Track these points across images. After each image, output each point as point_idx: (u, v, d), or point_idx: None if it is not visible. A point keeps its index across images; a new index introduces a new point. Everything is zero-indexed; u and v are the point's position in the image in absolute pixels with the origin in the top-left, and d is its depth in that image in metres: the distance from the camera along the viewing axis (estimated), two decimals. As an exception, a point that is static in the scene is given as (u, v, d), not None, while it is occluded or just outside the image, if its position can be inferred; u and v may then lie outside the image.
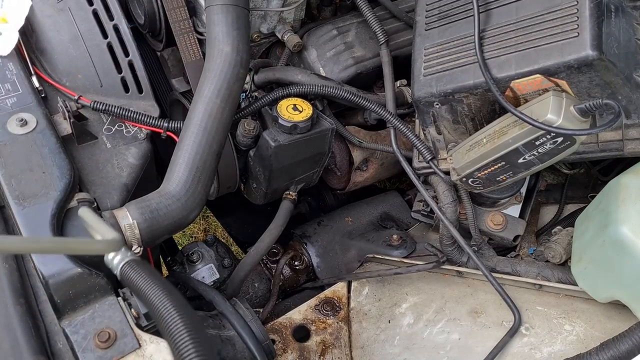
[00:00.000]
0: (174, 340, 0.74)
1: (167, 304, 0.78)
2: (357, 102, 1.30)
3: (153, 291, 0.80)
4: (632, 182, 1.00)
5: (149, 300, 0.81)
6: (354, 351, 1.29)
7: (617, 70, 0.94)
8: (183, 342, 0.73)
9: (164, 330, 0.76)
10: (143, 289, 0.82)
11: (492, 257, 1.27)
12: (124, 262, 0.86)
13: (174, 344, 0.73)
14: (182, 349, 0.72)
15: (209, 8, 1.14)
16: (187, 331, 0.74)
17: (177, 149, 1.07)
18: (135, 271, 0.84)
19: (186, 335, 0.74)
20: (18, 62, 1.17)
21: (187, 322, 0.75)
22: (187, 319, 0.76)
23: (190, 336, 0.73)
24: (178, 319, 0.76)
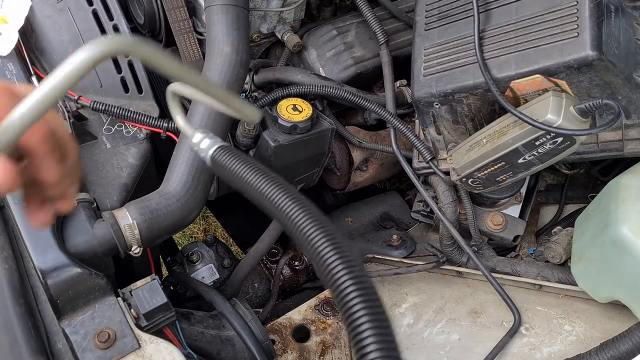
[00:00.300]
0: (294, 225, 0.70)
1: (273, 190, 0.75)
2: (357, 102, 1.30)
3: (252, 175, 0.78)
4: (632, 182, 1.00)
5: (247, 185, 0.78)
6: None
7: (617, 71, 0.94)
8: (299, 224, 0.69)
9: (276, 215, 0.73)
10: (240, 173, 0.78)
11: (492, 258, 1.27)
12: (217, 146, 0.85)
13: (296, 230, 0.69)
14: (299, 227, 0.68)
15: (208, 8, 1.14)
16: (300, 208, 0.70)
17: (176, 149, 1.07)
18: (231, 155, 0.82)
19: (301, 213, 0.70)
20: (18, 62, 1.17)
21: (297, 202, 0.72)
22: (297, 201, 0.72)
23: (304, 213, 0.70)
24: (287, 201, 0.72)
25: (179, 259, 1.48)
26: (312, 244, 0.67)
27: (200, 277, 1.44)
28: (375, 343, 0.55)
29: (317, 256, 0.66)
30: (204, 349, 1.11)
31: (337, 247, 0.65)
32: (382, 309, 0.58)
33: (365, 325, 0.57)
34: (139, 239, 0.97)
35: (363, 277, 0.62)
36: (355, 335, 0.56)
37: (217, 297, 1.20)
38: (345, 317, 0.59)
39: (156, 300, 0.92)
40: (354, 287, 0.60)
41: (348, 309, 0.59)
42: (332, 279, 0.62)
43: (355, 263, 0.63)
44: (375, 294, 0.60)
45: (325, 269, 0.63)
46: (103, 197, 1.08)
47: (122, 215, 0.97)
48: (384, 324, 0.57)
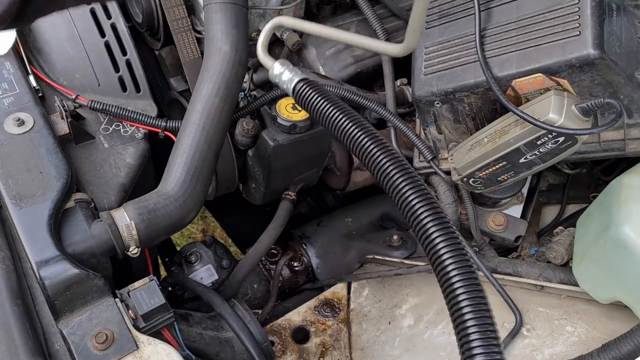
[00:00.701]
0: (371, 160, 0.76)
1: (354, 129, 0.80)
2: (357, 101, 1.30)
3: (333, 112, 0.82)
4: (633, 182, 1.00)
5: (329, 121, 0.82)
6: (353, 353, 1.28)
7: (619, 70, 0.94)
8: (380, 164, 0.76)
9: (355, 149, 0.79)
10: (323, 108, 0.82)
11: (493, 258, 1.27)
12: (300, 79, 0.86)
13: (373, 164, 0.76)
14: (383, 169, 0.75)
15: (207, 6, 1.14)
16: (384, 153, 0.77)
17: (175, 148, 1.06)
18: (313, 89, 0.84)
19: (385, 159, 0.76)
20: (15, 62, 1.16)
21: (381, 147, 0.78)
22: (376, 140, 0.78)
23: (386, 156, 0.76)
24: (368, 142, 0.78)
25: (177, 259, 1.48)
26: (400, 196, 0.75)
27: (199, 278, 1.43)
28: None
29: (409, 214, 0.75)
30: (203, 350, 1.10)
31: (431, 207, 0.74)
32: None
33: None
34: (137, 239, 0.96)
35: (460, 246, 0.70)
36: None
37: (216, 298, 1.19)
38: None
39: (154, 301, 0.92)
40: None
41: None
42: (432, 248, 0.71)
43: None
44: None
45: (423, 235, 0.69)
46: (100, 197, 1.07)
47: (119, 216, 0.96)
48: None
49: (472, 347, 0.64)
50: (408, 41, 0.80)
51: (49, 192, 0.97)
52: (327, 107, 0.83)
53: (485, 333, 0.65)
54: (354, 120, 0.81)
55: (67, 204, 0.99)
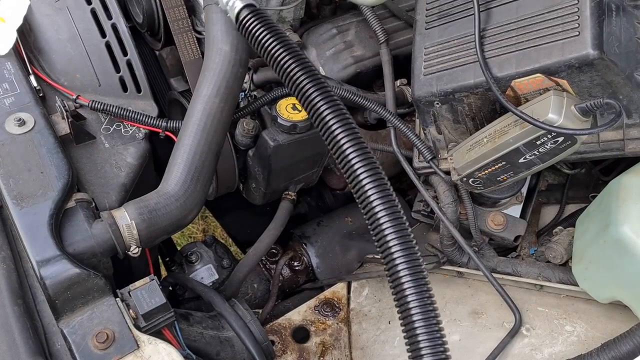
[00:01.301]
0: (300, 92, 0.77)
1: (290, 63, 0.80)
2: (356, 101, 1.30)
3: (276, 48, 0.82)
4: (632, 182, 1.00)
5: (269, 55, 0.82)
6: (353, 352, 1.28)
7: (618, 70, 0.94)
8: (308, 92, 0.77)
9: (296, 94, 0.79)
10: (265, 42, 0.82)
11: (493, 258, 1.27)
12: (243, 5, 0.85)
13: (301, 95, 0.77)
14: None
15: (207, 7, 1.14)
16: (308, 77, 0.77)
17: (175, 148, 1.06)
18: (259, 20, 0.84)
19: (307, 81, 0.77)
20: (16, 62, 1.16)
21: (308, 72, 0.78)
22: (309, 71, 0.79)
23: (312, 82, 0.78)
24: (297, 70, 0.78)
25: (177, 259, 1.48)
26: (333, 140, 0.77)
27: (199, 278, 1.43)
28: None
29: (338, 151, 0.77)
30: (203, 349, 1.10)
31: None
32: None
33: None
34: (138, 239, 0.97)
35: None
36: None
37: (216, 298, 1.19)
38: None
39: (155, 301, 0.92)
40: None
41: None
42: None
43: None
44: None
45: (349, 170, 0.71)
46: (101, 197, 1.07)
47: (120, 216, 0.97)
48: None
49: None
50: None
51: (50, 192, 0.97)
52: (269, 42, 0.82)
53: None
54: (297, 59, 0.81)
55: (68, 203, 0.99)
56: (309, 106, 0.80)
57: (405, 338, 0.71)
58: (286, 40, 0.85)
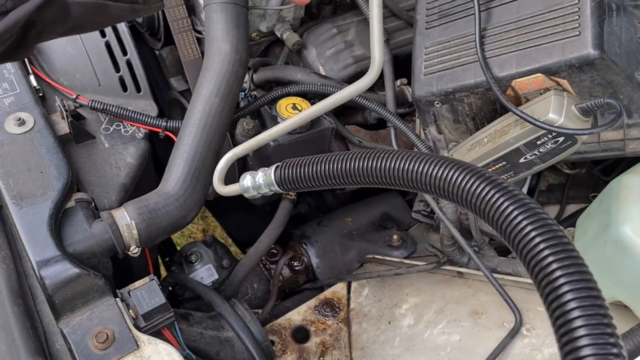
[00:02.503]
0: None
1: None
2: (357, 101, 1.30)
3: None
4: (633, 182, 1.00)
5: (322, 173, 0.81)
6: (353, 352, 1.28)
7: (619, 70, 0.94)
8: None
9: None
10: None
11: (493, 258, 1.27)
12: (275, 168, 0.87)
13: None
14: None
15: (207, 6, 1.14)
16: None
17: (175, 148, 1.06)
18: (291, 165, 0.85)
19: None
20: (16, 61, 1.16)
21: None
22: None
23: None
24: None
25: (177, 259, 1.48)
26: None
27: (199, 278, 1.43)
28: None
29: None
30: (203, 349, 1.10)
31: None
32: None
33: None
34: (138, 239, 0.96)
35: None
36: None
37: (216, 298, 1.19)
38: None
39: (155, 301, 0.92)
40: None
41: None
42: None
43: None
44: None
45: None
46: (101, 196, 1.07)
47: (120, 215, 0.96)
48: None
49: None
50: (374, 63, 0.80)
51: (50, 192, 0.97)
52: (314, 165, 0.81)
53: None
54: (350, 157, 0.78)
55: (68, 203, 0.99)
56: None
57: None
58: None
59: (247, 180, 0.91)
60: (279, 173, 0.86)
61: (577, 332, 0.53)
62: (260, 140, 1.03)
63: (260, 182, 0.90)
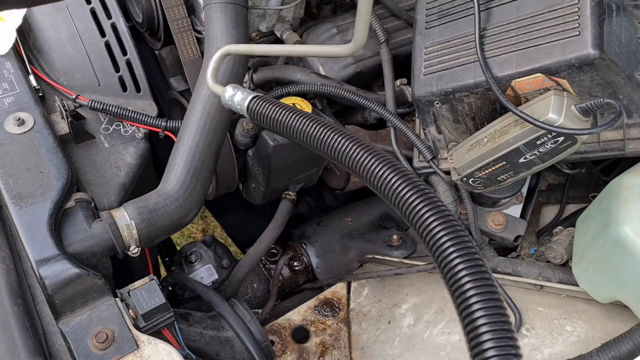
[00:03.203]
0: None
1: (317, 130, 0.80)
2: (356, 101, 1.30)
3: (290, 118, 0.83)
4: (633, 182, 1.00)
5: (286, 127, 0.83)
6: (353, 352, 1.28)
7: (619, 70, 0.94)
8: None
9: (327, 153, 0.79)
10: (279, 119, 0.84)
11: (493, 258, 1.27)
12: (253, 96, 0.87)
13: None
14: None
15: (207, 6, 1.14)
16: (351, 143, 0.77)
17: (175, 148, 1.06)
18: (267, 102, 0.86)
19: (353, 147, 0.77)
20: (15, 61, 1.16)
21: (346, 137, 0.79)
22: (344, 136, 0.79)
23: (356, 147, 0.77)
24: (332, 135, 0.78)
25: (177, 259, 1.48)
26: (380, 185, 0.72)
27: (199, 278, 1.43)
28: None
29: (399, 204, 0.71)
30: (203, 349, 1.10)
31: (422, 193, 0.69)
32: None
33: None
34: (137, 239, 0.96)
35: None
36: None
37: (216, 298, 1.19)
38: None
39: (154, 301, 0.92)
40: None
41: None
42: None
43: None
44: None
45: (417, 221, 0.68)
46: (101, 196, 1.07)
47: (120, 215, 0.96)
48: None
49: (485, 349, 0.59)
50: (356, 39, 0.80)
51: (49, 192, 0.97)
52: (284, 114, 0.84)
53: (499, 332, 0.60)
54: (316, 122, 0.81)
55: (68, 203, 0.99)
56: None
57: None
58: (300, 112, 0.87)
59: (230, 92, 0.91)
60: (253, 103, 0.87)
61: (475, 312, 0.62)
62: (257, 49, 1.03)
63: (237, 99, 0.90)
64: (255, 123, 0.90)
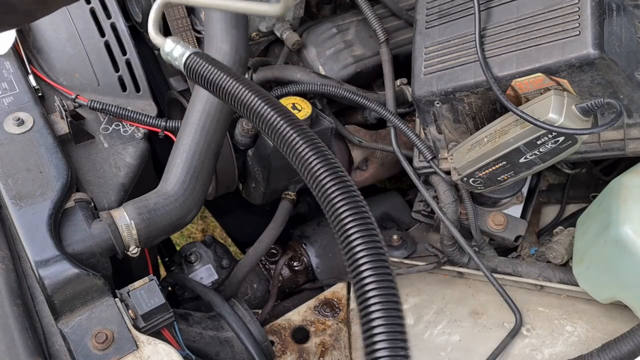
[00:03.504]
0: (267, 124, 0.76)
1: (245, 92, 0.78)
2: (357, 101, 1.30)
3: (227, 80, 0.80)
4: (633, 181, 1.00)
5: (223, 90, 0.80)
6: (353, 353, 1.28)
7: (619, 69, 0.94)
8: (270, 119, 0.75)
9: (254, 121, 0.77)
10: (215, 79, 0.81)
11: (493, 258, 1.27)
12: (192, 52, 0.83)
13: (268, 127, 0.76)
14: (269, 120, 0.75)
15: (207, 6, 1.13)
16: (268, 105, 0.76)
17: (174, 148, 1.06)
18: (204, 61, 0.82)
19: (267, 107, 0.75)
20: (15, 61, 1.16)
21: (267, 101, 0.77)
22: (266, 98, 0.77)
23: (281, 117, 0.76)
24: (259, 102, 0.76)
25: (177, 259, 1.47)
26: (296, 154, 0.76)
27: (199, 278, 1.43)
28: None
29: (306, 171, 0.75)
30: (203, 350, 1.10)
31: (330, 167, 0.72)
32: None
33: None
34: (137, 239, 0.96)
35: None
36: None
37: (216, 298, 1.19)
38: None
39: (154, 301, 0.92)
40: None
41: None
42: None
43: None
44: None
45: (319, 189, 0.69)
46: (100, 197, 1.07)
47: (119, 215, 0.96)
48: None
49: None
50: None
51: (49, 192, 0.97)
52: (221, 76, 0.81)
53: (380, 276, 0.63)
54: (248, 87, 0.79)
55: (67, 203, 0.98)
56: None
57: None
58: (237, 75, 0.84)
59: (170, 45, 0.88)
60: (191, 58, 0.84)
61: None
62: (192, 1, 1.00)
63: (176, 54, 0.87)
64: (193, 81, 0.87)
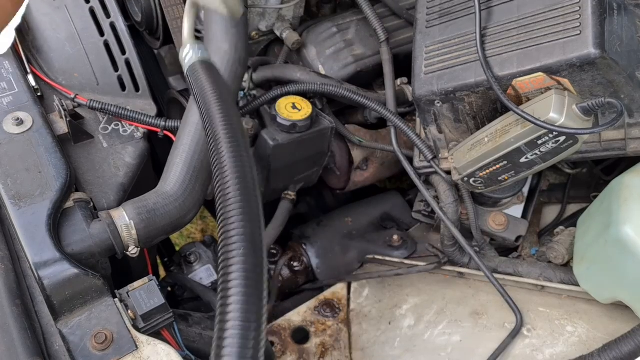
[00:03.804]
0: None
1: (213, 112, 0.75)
2: (357, 100, 1.29)
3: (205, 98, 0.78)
4: (634, 181, 0.99)
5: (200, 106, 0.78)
6: (353, 353, 1.28)
7: (620, 69, 0.94)
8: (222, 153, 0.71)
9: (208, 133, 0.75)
10: (197, 94, 0.79)
11: (494, 258, 1.27)
12: (196, 60, 0.83)
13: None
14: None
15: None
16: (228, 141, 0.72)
17: (174, 148, 1.06)
18: (199, 73, 0.81)
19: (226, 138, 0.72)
20: (14, 61, 1.16)
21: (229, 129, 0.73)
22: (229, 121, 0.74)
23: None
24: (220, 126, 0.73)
25: (176, 259, 1.47)
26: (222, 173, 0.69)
27: (198, 278, 1.43)
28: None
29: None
30: (202, 350, 1.10)
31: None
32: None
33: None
34: (136, 239, 0.96)
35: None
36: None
37: (215, 298, 1.19)
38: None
39: (154, 302, 0.92)
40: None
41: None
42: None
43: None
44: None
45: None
46: (100, 196, 1.07)
47: (119, 215, 0.96)
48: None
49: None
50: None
51: (48, 192, 0.97)
52: (199, 91, 0.79)
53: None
54: (216, 100, 0.77)
55: (66, 203, 0.98)
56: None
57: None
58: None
59: (183, 52, 0.85)
60: (188, 69, 0.83)
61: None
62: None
63: (186, 59, 0.84)
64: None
